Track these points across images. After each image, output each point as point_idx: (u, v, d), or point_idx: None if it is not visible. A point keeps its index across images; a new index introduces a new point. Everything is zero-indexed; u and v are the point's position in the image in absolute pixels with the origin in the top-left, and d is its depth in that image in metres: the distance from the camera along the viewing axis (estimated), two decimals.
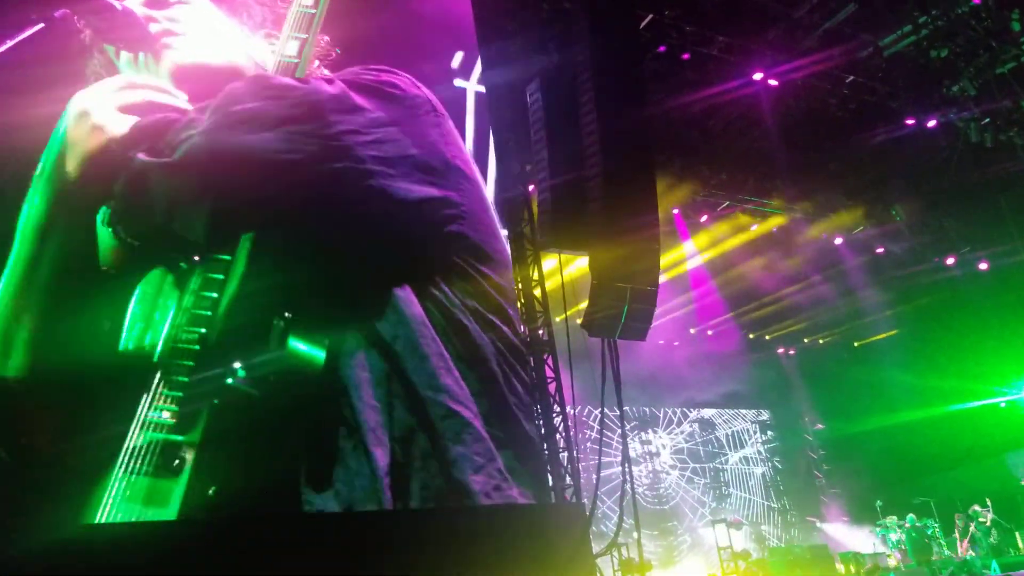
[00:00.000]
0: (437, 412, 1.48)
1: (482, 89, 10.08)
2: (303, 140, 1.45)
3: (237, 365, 1.33)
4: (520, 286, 10.30)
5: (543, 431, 9.81)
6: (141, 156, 1.41)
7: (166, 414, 1.34)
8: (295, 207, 1.48)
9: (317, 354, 1.40)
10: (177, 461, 1.32)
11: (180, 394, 1.35)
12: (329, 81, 1.60)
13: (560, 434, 9.99)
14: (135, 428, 1.34)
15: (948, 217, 16.04)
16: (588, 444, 16.44)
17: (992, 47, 11.88)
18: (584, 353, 9.60)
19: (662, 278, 8.34)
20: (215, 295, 1.42)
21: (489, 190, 10.39)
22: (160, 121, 1.47)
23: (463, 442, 1.48)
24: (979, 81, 12.31)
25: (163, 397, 1.36)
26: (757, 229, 16.00)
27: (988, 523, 14.93)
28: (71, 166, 1.46)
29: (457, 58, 9.25)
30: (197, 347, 1.38)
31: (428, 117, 1.70)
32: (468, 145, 1.77)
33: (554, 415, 10.01)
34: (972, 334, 16.72)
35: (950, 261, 16.97)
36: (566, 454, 9.91)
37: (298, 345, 1.37)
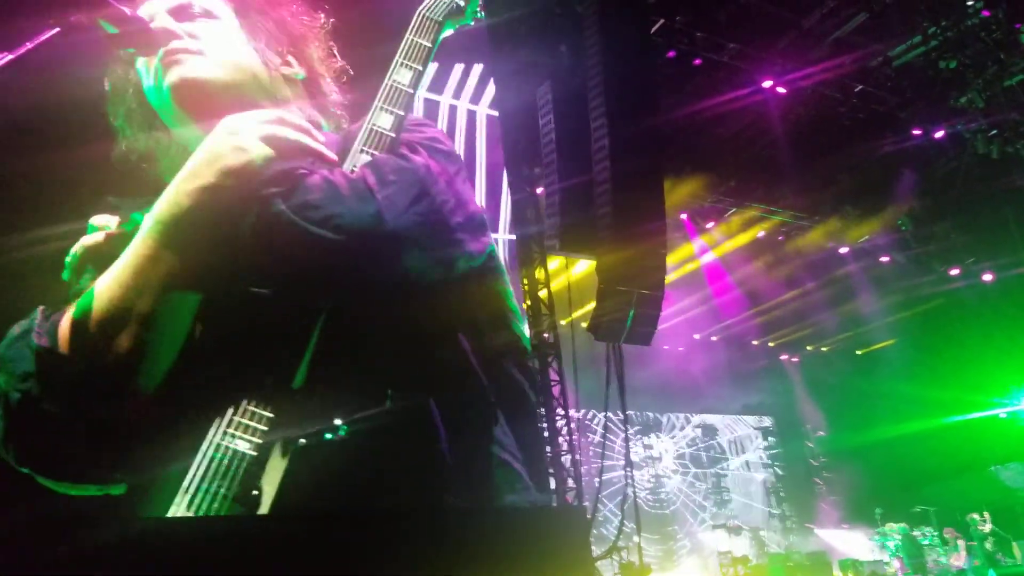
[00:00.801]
0: (491, 462, 1.58)
1: (431, 96, 10.13)
2: (424, 221, 1.53)
3: (339, 422, 1.38)
4: (527, 287, 10.34)
5: (546, 434, 9.85)
6: (281, 203, 1.46)
7: (243, 444, 1.37)
8: (402, 281, 1.55)
9: (405, 411, 1.47)
10: (255, 491, 1.34)
11: (264, 429, 1.38)
12: (412, 149, 1.67)
13: (563, 437, 10.02)
14: (207, 450, 1.37)
15: (954, 228, 16.03)
16: (591, 448, 16.46)
17: (1001, 59, 11.89)
18: (589, 356, 9.64)
19: (668, 283, 8.37)
20: (300, 344, 1.47)
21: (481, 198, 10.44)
22: (294, 172, 1.52)
23: (515, 491, 1.59)
24: (987, 93, 12.32)
25: (242, 427, 1.38)
26: (763, 236, 16.02)
27: (987, 531, 14.92)
28: (210, 176, 1.51)
29: None
30: (288, 388, 1.43)
31: (462, 171, 1.77)
32: None
33: (557, 418, 10.05)
34: (974, 345, 16.70)
35: (954, 272, 16.96)
36: (569, 457, 9.94)
37: (392, 404, 1.44)
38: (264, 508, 1.33)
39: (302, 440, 1.38)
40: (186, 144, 1.82)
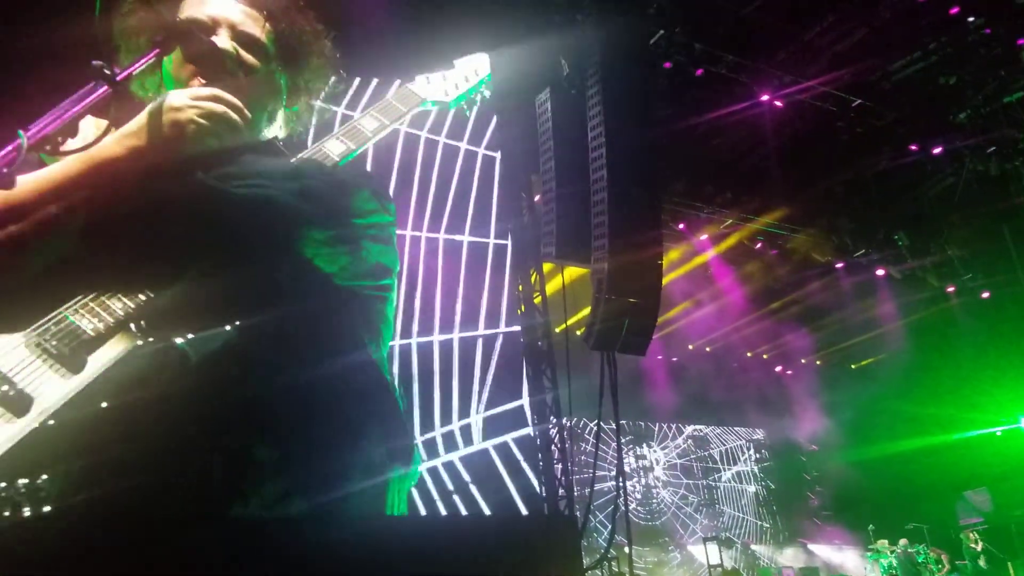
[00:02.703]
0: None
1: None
2: (336, 221, 1.75)
3: (179, 341, 1.50)
4: (521, 293, 10.32)
5: (539, 442, 9.82)
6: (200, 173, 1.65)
7: (86, 323, 1.49)
8: None
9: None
10: (82, 361, 1.44)
11: (111, 321, 1.50)
12: (342, 183, 1.86)
13: (555, 445, 9.98)
14: (56, 316, 1.48)
15: (951, 244, 16.06)
16: (583, 457, 16.41)
17: (1001, 76, 11.93)
18: (583, 364, 9.59)
19: (662, 293, 8.35)
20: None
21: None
22: (217, 153, 1.70)
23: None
24: (986, 110, 12.37)
25: (92, 311, 1.51)
26: (759, 248, 16.03)
27: (979, 549, 14.91)
28: (145, 140, 1.66)
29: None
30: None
31: (393, 223, 2.00)
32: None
33: (550, 426, 10.02)
34: (970, 362, 16.71)
35: (951, 288, 16.98)
36: (560, 466, 9.90)
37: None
38: (84, 377, 1.43)
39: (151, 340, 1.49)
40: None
